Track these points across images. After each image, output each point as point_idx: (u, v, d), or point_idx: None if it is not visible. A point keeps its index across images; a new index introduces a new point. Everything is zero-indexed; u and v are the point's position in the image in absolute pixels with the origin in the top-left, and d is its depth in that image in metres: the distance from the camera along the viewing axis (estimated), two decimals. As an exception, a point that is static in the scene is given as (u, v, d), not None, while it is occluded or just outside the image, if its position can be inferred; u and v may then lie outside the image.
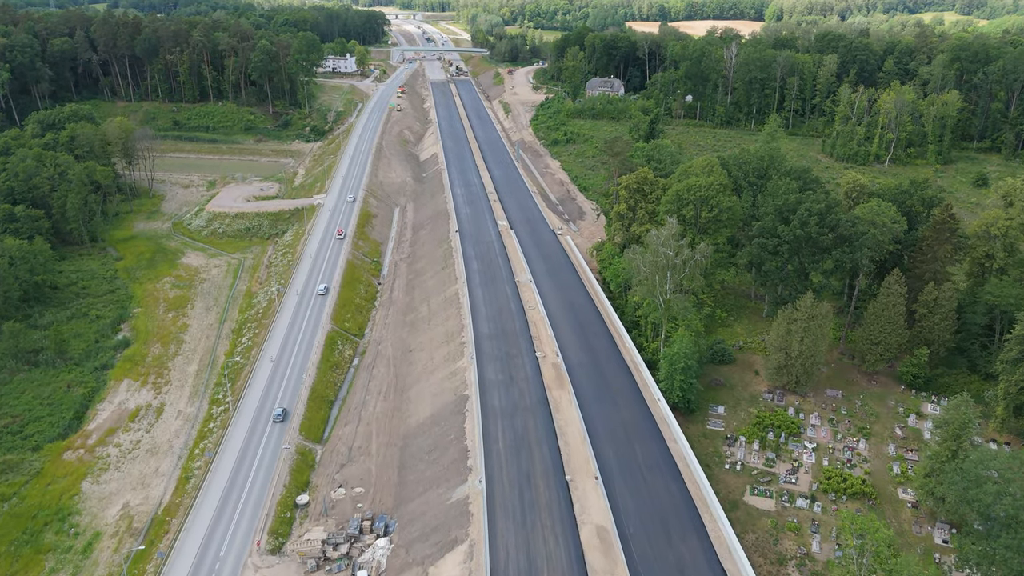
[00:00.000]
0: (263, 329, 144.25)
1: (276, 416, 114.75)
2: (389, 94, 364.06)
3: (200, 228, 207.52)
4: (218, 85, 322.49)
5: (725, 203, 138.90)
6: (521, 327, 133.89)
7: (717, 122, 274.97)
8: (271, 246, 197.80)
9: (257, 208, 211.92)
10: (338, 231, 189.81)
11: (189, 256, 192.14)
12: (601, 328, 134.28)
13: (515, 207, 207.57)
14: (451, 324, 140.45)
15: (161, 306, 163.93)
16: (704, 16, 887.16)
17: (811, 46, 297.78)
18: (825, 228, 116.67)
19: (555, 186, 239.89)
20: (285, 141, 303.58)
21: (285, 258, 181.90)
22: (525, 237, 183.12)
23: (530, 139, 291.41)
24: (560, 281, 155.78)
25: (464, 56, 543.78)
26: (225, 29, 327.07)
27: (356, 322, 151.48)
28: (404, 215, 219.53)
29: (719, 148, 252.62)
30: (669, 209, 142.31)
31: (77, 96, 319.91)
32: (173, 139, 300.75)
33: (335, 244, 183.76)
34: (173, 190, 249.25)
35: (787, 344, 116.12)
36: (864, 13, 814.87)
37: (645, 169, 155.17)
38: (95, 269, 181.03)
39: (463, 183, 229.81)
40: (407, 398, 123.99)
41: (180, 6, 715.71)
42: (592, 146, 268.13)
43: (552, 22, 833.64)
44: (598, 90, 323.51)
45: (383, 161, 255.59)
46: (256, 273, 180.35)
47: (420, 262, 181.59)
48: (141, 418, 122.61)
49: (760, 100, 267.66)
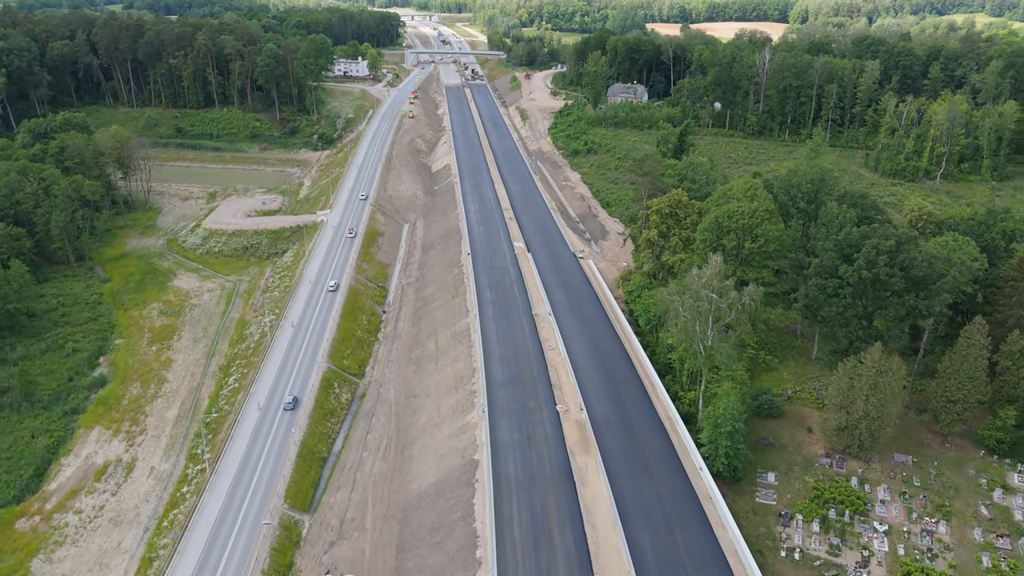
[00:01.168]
0: (252, 368, 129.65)
1: (259, 478, 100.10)
2: (401, 99, 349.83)
3: (195, 246, 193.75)
4: (223, 90, 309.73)
5: (772, 232, 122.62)
6: (539, 372, 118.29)
7: (748, 132, 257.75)
8: (269, 267, 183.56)
9: (256, 225, 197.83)
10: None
11: (181, 278, 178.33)
12: (630, 374, 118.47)
13: (532, 226, 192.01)
14: (461, 366, 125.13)
15: (145, 337, 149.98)
16: (726, 17, 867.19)
17: (848, 51, 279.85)
18: (896, 269, 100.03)
19: (575, 201, 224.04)
20: (291, 149, 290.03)
21: (283, 282, 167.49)
22: (544, 261, 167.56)
23: (548, 149, 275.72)
24: (583, 314, 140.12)
25: (480, 59, 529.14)
26: (232, 32, 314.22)
27: (356, 358, 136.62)
28: (413, 233, 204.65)
29: (752, 161, 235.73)
30: (707, 238, 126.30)
31: (78, 101, 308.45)
32: (175, 147, 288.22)
33: (337, 266, 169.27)
34: (171, 203, 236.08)
35: (849, 402, 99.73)
36: (892, 14, 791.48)
37: (678, 191, 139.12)
38: (78, 293, 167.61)
39: (477, 198, 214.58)
40: (409, 456, 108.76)
41: (193, 7, 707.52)
42: (615, 157, 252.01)
43: (570, 24, 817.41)
44: (620, 97, 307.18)
45: (392, 173, 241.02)
46: (251, 299, 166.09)
47: (429, 288, 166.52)
48: (109, 476, 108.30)
49: (795, 109, 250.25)
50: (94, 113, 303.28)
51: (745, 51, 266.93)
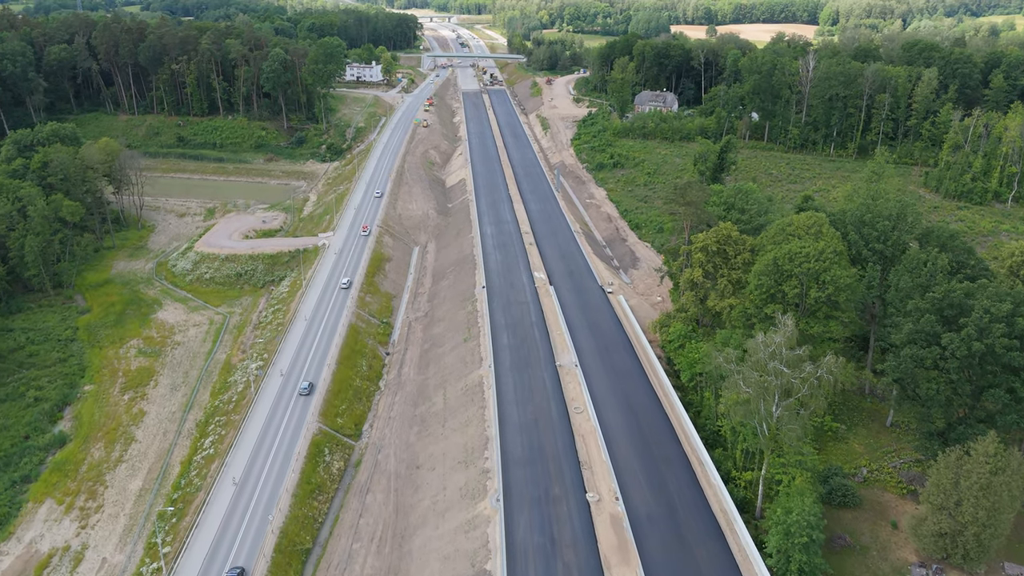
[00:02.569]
0: (232, 429, 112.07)
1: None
2: (416, 106, 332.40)
3: (185, 272, 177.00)
4: (229, 97, 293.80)
5: (842, 279, 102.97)
6: (565, 445, 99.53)
7: (789, 145, 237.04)
8: (264, 297, 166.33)
9: (252, 249, 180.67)
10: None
11: (167, 309, 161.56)
12: (673, 448, 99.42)
13: (555, 252, 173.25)
14: (472, 432, 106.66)
15: (119, 382, 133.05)
16: (753, 19, 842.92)
17: (896, 57, 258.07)
18: (1015, 340, 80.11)
19: (602, 222, 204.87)
20: (298, 161, 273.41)
21: (276, 317, 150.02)
22: (568, 296, 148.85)
23: (571, 162, 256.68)
24: (614, 365, 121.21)
25: (499, 63, 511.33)
26: (238, 36, 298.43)
27: (353, 415, 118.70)
28: (424, 257, 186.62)
29: (796, 178, 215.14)
30: (763, 283, 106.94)
31: (77, 108, 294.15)
32: (176, 157, 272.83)
33: (338, 297, 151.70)
34: (166, 220, 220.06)
35: (954, 503, 80.00)
36: (927, 16, 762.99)
37: (727, 225, 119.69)
38: (51, 327, 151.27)
39: (494, 219, 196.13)
40: (407, 553, 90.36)
41: (208, 8, 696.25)
42: (643, 172, 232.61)
43: (592, 25, 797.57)
44: (648, 105, 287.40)
45: (403, 189, 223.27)
46: (241, 336, 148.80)
47: (438, 325, 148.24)
48: (52, 571, 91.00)
49: (841, 121, 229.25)
50: (94, 121, 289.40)
51: (785, 57, 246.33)
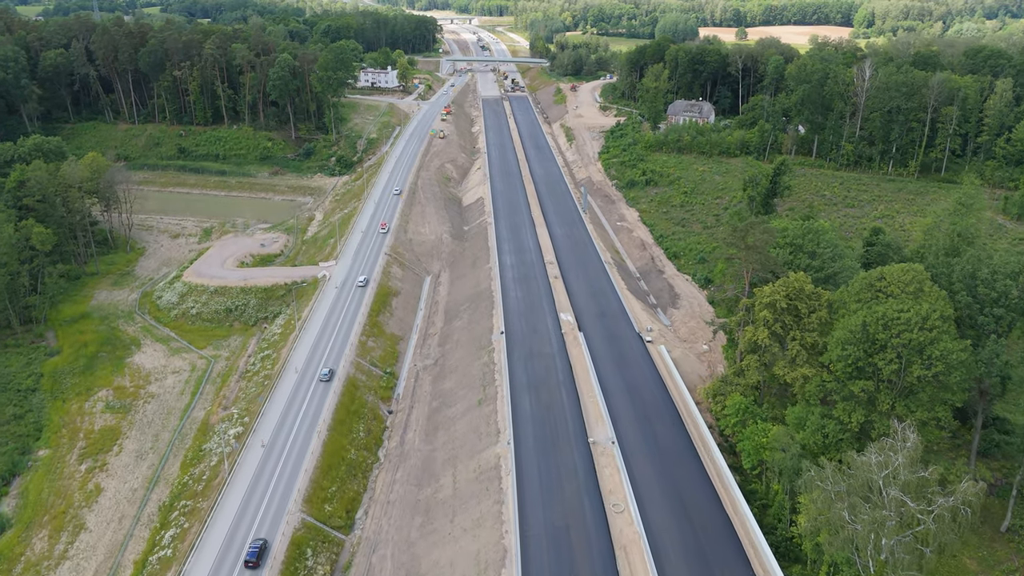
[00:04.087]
0: (197, 520, 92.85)
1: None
2: (433, 115, 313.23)
3: (170, 305, 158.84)
4: (234, 105, 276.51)
5: (955, 355, 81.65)
6: (604, 566, 78.99)
7: (842, 162, 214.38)
8: (255, 338, 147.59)
9: (244, 280, 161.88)
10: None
11: (145, 350, 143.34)
12: (741, 568, 78.54)
13: (584, 288, 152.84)
14: (486, 539, 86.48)
15: (78, 447, 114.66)
16: (784, 21, 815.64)
17: (957, 64, 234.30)
18: None
19: (635, 249, 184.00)
20: (305, 174, 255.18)
21: (265, 366, 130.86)
22: (600, 345, 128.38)
23: (599, 178, 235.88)
24: (659, 443, 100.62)
25: (521, 68, 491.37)
26: (245, 40, 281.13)
27: (344, 498, 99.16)
28: (436, 289, 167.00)
29: (852, 201, 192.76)
30: (849, 354, 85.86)
31: (75, 117, 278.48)
32: (176, 170, 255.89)
33: (336, 343, 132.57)
34: (158, 241, 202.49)
35: None
36: (967, 18, 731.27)
37: (800, 276, 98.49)
38: (13, 373, 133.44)
39: (514, 246, 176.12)
40: None
41: (224, 11, 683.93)
42: (680, 191, 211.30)
43: (617, 28, 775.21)
44: (683, 116, 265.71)
45: (416, 209, 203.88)
46: (224, 388, 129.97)
47: (449, 379, 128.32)
48: None
49: (901, 135, 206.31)
50: (91, 130, 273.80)
51: (838, 64, 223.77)
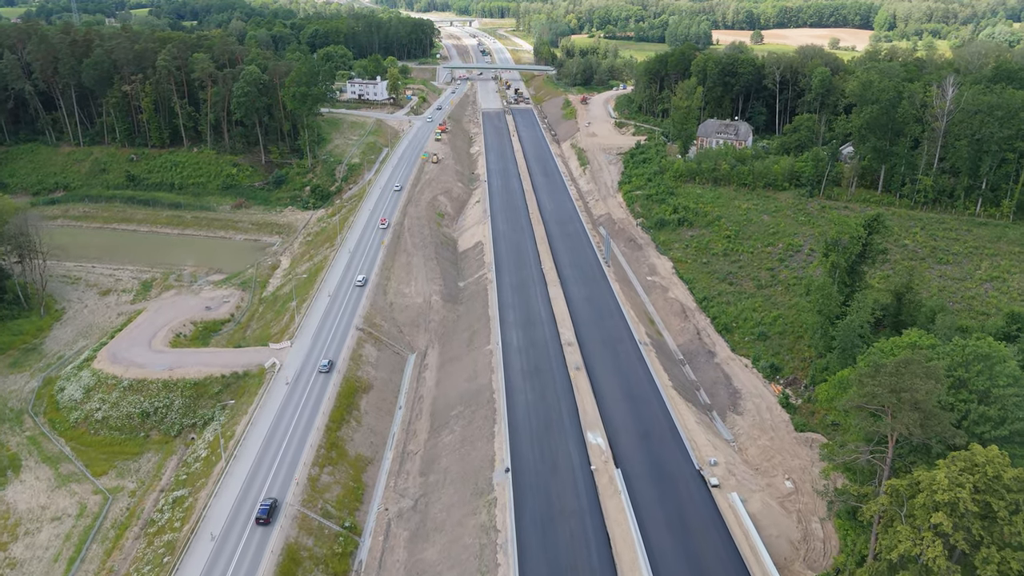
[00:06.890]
0: None
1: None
2: (426, 133, 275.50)
3: (72, 404, 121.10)
4: (195, 125, 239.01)
5: None
6: None
7: (917, 200, 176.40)
8: (174, 459, 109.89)
9: (170, 371, 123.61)
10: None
11: (25, 478, 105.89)
12: None
13: (615, 386, 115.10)
14: None
15: None
16: (799, 23, 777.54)
17: None
18: None
19: (673, 318, 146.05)
20: (274, 208, 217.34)
21: (174, 521, 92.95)
22: (646, 492, 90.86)
23: (621, 215, 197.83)
24: None
25: (525, 76, 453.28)
26: (208, 48, 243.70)
27: None
28: (421, 376, 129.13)
29: (942, 253, 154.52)
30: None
31: (10, 139, 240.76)
32: (123, 202, 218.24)
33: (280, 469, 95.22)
34: (83, 300, 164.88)
35: None
36: (992, 19, 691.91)
37: (993, 452, 60.63)
38: None
39: (521, 316, 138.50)
40: None
41: (212, 12, 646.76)
42: (721, 234, 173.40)
43: (625, 30, 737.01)
44: (715, 138, 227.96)
45: (401, 259, 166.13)
46: (117, 547, 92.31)
47: (433, 543, 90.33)
48: None
49: (992, 168, 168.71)
50: (28, 154, 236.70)
51: (909, 81, 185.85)
